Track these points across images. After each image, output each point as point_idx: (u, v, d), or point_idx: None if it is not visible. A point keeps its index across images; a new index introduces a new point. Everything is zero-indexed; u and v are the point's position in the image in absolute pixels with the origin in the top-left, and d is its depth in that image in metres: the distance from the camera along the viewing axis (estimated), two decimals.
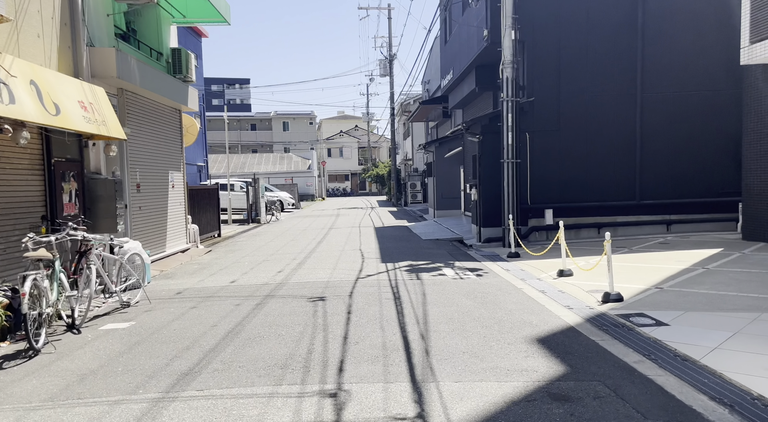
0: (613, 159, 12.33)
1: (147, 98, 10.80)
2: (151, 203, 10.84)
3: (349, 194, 61.39)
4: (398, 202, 33.96)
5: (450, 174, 20.89)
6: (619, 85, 12.24)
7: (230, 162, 47.85)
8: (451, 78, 18.01)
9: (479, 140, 12.46)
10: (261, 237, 15.90)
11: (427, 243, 13.25)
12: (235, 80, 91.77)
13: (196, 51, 31.28)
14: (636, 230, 12.31)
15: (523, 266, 9.39)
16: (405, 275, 8.64)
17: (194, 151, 30.57)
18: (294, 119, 63.12)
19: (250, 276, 9.02)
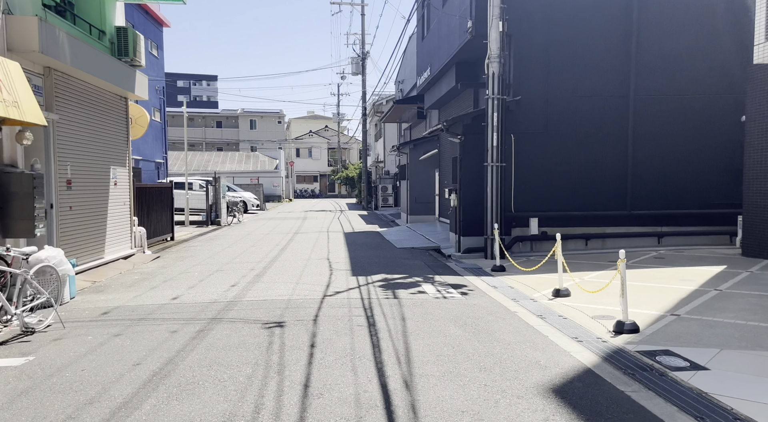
0: (603, 165, 11.48)
1: (83, 81, 9.34)
2: (86, 202, 9.37)
3: (318, 195, 59.89)
4: (369, 205, 32.80)
5: (424, 178, 19.87)
6: (611, 85, 11.40)
7: (191, 160, 45.82)
8: (428, 76, 16.99)
9: (460, 140, 11.43)
10: (218, 242, 14.48)
11: (402, 252, 12.12)
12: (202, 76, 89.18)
13: (157, 41, 29.48)
14: (625, 243, 11.47)
15: (511, 282, 8.36)
16: (380, 293, 7.47)
17: (153, 147, 28.72)
18: (262, 118, 61.24)
19: (198, 291, 7.69)
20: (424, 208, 19.94)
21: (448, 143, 17.28)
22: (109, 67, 9.82)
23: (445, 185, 17.95)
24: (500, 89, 10.72)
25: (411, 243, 13.67)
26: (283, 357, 4.65)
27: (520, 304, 6.84)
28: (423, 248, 12.80)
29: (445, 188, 13.86)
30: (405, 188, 20.66)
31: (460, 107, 16.00)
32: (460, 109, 16.01)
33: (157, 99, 28.87)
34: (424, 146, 19.60)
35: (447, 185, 17.22)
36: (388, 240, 14.62)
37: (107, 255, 10.11)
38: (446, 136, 16.69)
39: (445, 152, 18.05)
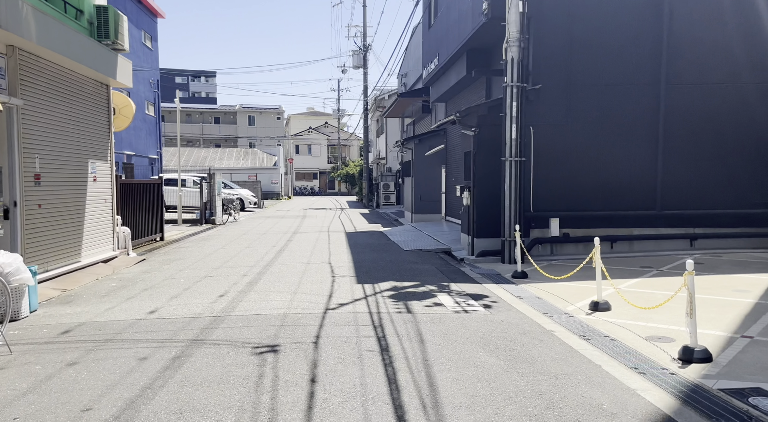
0: (631, 161, 10.49)
1: (56, 64, 8.33)
2: (59, 199, 8.37)
3: (317, 193, 58.91)
4: (370, 203, 31.82)
5: (430, 175, 18.87)
6: (640, 73, 10.40)
7: (187, 156, 44.79)
8: (435, 66, 15.99)
9: (475, 133, 10.43)
10: (211, 242, 13.49)
11: (410, 255, 11.13)
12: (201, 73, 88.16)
13: (151, 32, 28.42)
14: (654, 246, 10.49)
15: (537, 291, 7.37)
16: (390, 305, 6.48)
17: (147, 142, 27.70)
18: (261, 113, 60.18)
19: (181, 302, 6.70)
20: (430, 206, 18.94)
21: (457, 138, 16.29)
22: (87, 50, 8.81)
23: (453, 182, 16.96)
24: (520, 76, 9.72)
25: (418, 245, 12.68)
26: (276, 399, 3.66)
27: (554, 320, 5.85)
28: (432, 251, 11.81)
29: (455, 186, 12.87)
30: (409, 186, 19.67)
31: (470, 99, 15.00)
32: (470, 101, 15.01)
33: (152, 92, 27.83)
34: (430, 141, 18.60)
35: (456, 182, 16.23)
36: (393, 241, 13.63)
37: (85, 259, 9.11)
38: (455, 130, 15.68)
39: (452, 148, 17.05)
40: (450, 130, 17.58)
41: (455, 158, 16.74)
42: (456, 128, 15.97)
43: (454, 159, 16.87)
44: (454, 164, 17.07)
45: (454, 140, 16.91)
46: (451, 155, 17.44)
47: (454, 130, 16.95)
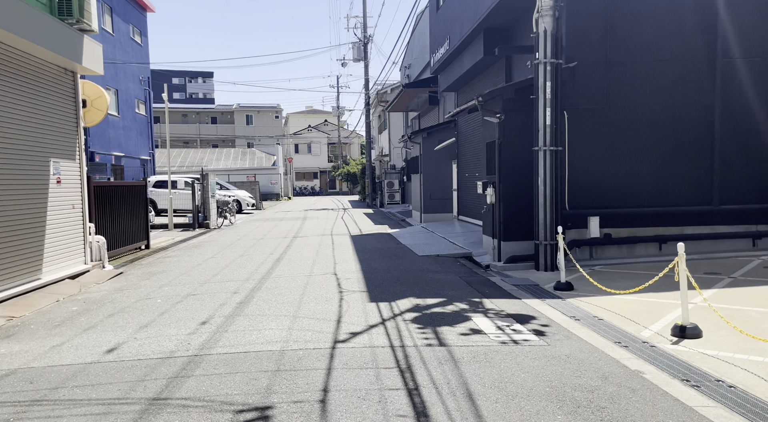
0: (681, 148, 9.08)
1: (3, 44, 6.93)
2: (9, 205, 6.98)
3: (318, 193, 57.52)
4: (374, 203, 30.43)
5: (440, 171, 17.47)
6: (692, 46, 8.98)
7: (183, 157, 43.44)
8: (445, 51, 14.58)
9: (500, 120, 9.02)
10: (202, 250, 12.09)
11: (427, 262, 9.73)
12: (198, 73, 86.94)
13: (140, 26, 27.01)
14: (710, 246, 9.08)
15: (591, 308, 5.98)
16: (416, 334, 5.09)
17: (138, 142, 26.31)
18: (258, 113, 58.77)
19: (151, 334, 5.31)
20: (440, 205, 17.54)
21: (471, 129, 14.88)
22: (45, 29, 7.42)
23: (466, 178, 15.56)
24: (554, 51, 8.30)
25: (434, 249, 11.27)
26: None
27: (635, 354, 4.46)
28: (451, 256, 10.40)
29: (473, 181, 11.49)
30: (418, 183, 18.27)
31: (484, 87, 13.59)
32: (484, 88, 13.59)
33: (142, 90, 26.44)
34: (439, 135, 17.20)
35: (470, 178, 14.82)
36: (404, 245, 12.23)
37: (47, 275, 7.73)
38: (467, 121, 14.26)
39: (465, 140, 15.65)
40: (461, 121, 16.19)
41: (469, 151, 15.34)
42: (470, 118, 14.57)
43: (468, 153, 15.47)
44: (467, 159, 15.67)
45: (467, 131, 15.51)
46: (463, 148, 16.04)
47: (466, 121, 15.56)
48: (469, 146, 15.37)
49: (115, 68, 23.24)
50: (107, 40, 22.57)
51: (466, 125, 15.73)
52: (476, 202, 14.61)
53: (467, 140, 15.56)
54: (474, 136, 14.86)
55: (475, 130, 14.63)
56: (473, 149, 14.97)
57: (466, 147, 15.75)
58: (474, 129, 14.78)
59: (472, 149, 15.04)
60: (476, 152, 14.68)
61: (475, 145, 14.77)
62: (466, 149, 15.76)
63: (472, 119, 14.99)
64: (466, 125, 15.73)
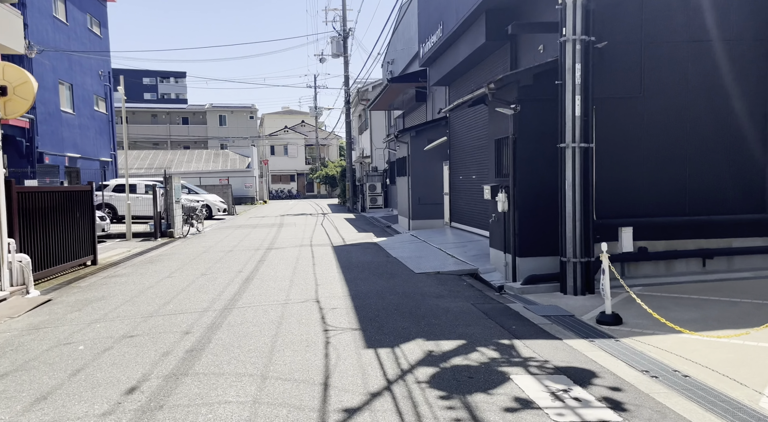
0: (729, 146, 7.68)
1: None
2: None
3: (296, 196, 55.57)
4: (354, 207, 28.76)
5: (430, 173, 15.93)
6: (744, 24, 7.60)
7: (152, 159, 41.14)
8: (438, 39, 13.04)
9: (514, 111, 7.49)
10: (159, 266, 10.30)
11: (427, 282, 8.13)
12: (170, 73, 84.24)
13: (99, 16, 24.82)
14: (762, 262, 7.69)
15: (665, 356, 4.48)
16: (440, 410, 3.48)
17: (96, 143, 24.14)
18: (232, 113, 56.54)
19: (44, 417, 3.59)
20: (430, 210, 16.00)
21: (465, 127, 13.37)
22: None
23: (459, 181, 14.05)
24: (585, 26, 6.82)
25: (431, 264, 9.70)
26: None
27: None
28: (453, 274, 8.83)
29: (472, 184, 10.03)
30: (405, 187, 16.71)
31: (482, 78, 12.09)
32: (482, 81, 12.11)
33: (102, 86, 24.31)
34: (429, 134, 15.68)
35: (464, 180, 13.31)
36: (395, 258, 10.62)
37: None
38: (460, 118, 12.68)
39: (458, 140, 14.15)
40: (454, 119, 14.68)
41: (462, 151, 13.85)
42: (463, 114, 13.04)
43: (461, 153, 13.97)
44: (460, 159, 14.17)
45: (460, 130, 14.01)
46: (456, 148, 14.54)
47: (459, 118, 14.06)
48: (463, 145, 13.86)
49: (69, 61, 21.14)
50: (60, 30, 20.48)
51: (459, 122, 14.23)
52: (473, 207, 13.11)
53: (460, 139, 14.05)
54: (468, 134, 13.36)
55: (470, 128, 13.13)
56: (467, 148, 13.47)
57: (459, 147, 14.25)
58: (468, 127, 13.28)
59: (466, 149, 13.54)
60: (471, 152, 13.18)
61: (469, 143, 13.27)
62: (459, 148, 14.26)
63: (465, 115, 13.50)
64: (459, 122, 14.23)
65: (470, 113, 12.95)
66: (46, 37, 19.25)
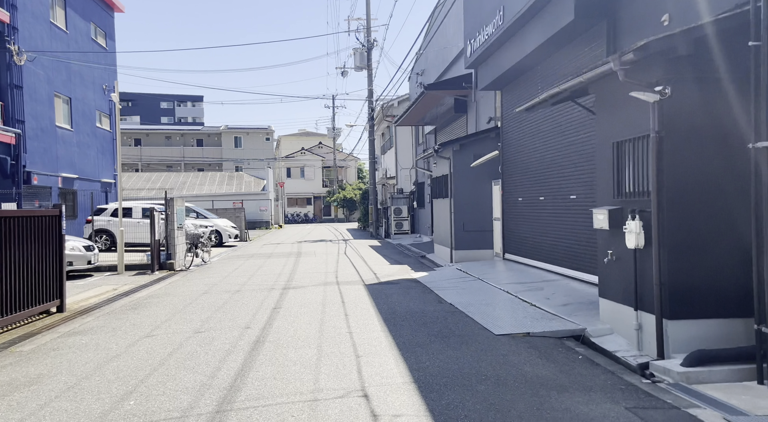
0: None
1: None
2: None
3: (312, 220, 53.26)
4: (378, 232, 26.24)
5: (476, 194, 13.39)
6: None
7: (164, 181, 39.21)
8: (494, 29, 10.64)
9: (662, 96, 4.93)
10: (141, 316, 7.80)
11: (521, 353, 5.47)
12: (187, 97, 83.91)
13: (105, 27, 22.92)
14: None
15: None
16: None
17: (97, 163, 22.02)
18: (248, 134, 54.86)
19: None
20: (477, 239, 13.39)
21: (526, 136, 10.81)
22: None
23: (520, 202, 11.46)
24: None
25: (508, 317, 7.04)
26: None
27: None
28: (550, 336, 6.17)
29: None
30: (446, 210, 14.14)
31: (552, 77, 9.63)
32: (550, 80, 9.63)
33: (105, 101, 22.34)
34: (474, 148, 13.19)
35: (524, 202, 10.70)
36: (452, 305, 7.99)
37: None
38: (520, 124, 9.97)
39: (515, 152, 11.61)
40: (509, 128, 12.19)
41: (523, 166, 11.30)
42: (524, 121, 10.39)
43: (521, 169, 11.42)
44: (517, 177, 11.63)
45: (520, 141, 11.49)
46: (512, 163, 12.01)
47: (518, 126, 11.55)
48: (523, 159, 11.32)
49: (68, 72, 19.19)
50: (57, 38, 18.57)
51: (517, 131, 11.72)
52: (541, 237, 10.49)
53: (519, 152, 11.52)
54: (532, 145, 10.82)
55: (537, 136, 10.61)
56: (531, 163, 10.92)
57: (516, 162, 11.71)
58: (533, 135, 10.76)
59: (529, 164, 11.00)
60: (536, 167, 10.63)
61: (533, 157, 10.73)
62: (516, 163, 11.72)
63: (527, 122, 11.01)
64: (517, 131, 11.72)
65: (537, 119, 10.45)
66: (41, 44, 17.31)
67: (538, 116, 10.33)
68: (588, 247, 8.56)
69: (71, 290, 10.35)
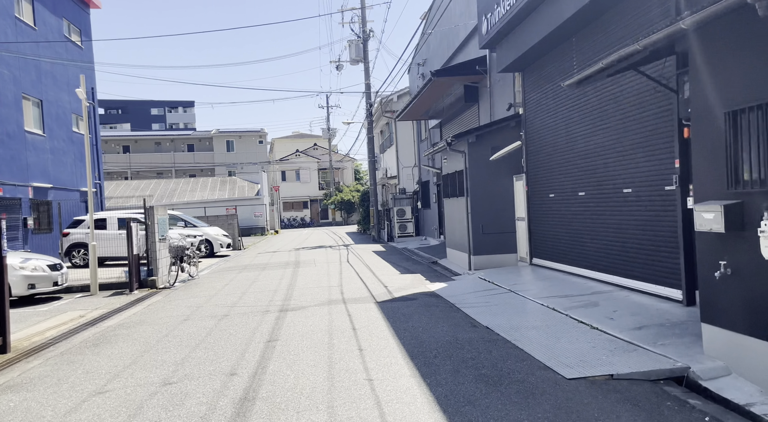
0: None
1: None
2: None
3: (309, 224, 51.63)
4: (380, 236, 24.66)
5: (495, 191, 11.82)
6: None
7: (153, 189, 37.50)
8: (514, 2, 9.09)
9: None
10: (101, 357, 6.19)
11: (612, 413, 3.89)
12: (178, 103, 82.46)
13: (79, 24, 21.10)
14: None
15: None
16: None
17: (75, 170, 20.30)
18: (240, 138, 53.18)
19: None
20: (498, 242, 11.82)
21: (563, 122, 9.24)
22: None
23: (550, 200, 9.89)
24: None
25: (571, 345, 5.46)
26: None
27: None
28: (641, 378, 4.58)
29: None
30: (461, 210, 12.56)
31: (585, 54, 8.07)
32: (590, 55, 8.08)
33: None
34: (492, 139, 11.63)
35: (556, 199, 9.11)
36: (490, 330, 6.40)
37: None
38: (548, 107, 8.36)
39: (544, 143, 10.04)
40: (534, 114, 10.64)
41: (555, 157, 9.74)
42: (555, 104, 8.74)
43: (551, 161, 9.86)
44: (547, 170, 10.07)
45: (551, 128, 9.93)
46: (538, 155, 10.46)
47: (547, 110, 9.99)
48: (553, 149, 9.77)
49: (38, 72, 17.52)
50: (24, 34, 16.91)
51: (544, 116, 10.16)
52: (579, 237, 8.93)
53: (548, 141, 9.96)
54: (565, 131, 9.26)
55: (570, 121, 9.05)
56: (565, 152, 9.37)
57: (545, 153, 10.16)
58: (568, 120, 9.19)
59: (562, 154, 9.44)
60: (571, 158, 9.08)
61: (567, 146, 9.17)
62: (545, 155, 10.16)
63: (561, 104, 9.46)
64: (544, 116, 10.16)
65: (573, 101, 8.89)
66: (4, 40, 15.65)
67: (573, 98, 8.78)
68: (648, 251, 7.00)
69: (29, 319, 8.74)
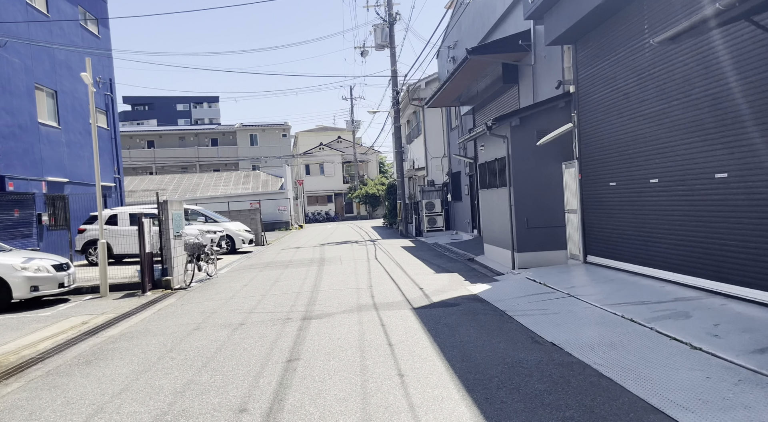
0: None
1: None
2: None
3: (334, 218, 50.75)
4: (408, 230, 23.49)
5: (540, 181, 10.53)
6: None
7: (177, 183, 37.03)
8: None
9: None
10: (92, 378, 5.21)
11: None
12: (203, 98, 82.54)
13: (96, 12, 20.34)
14: None
15: None
16: None
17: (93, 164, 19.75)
18: (264, 131, 52.56)
19: None
20: (545, 238, 10.54)
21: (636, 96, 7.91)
22: None
23: (610, 189, 8.57)
24: None
25: (675, 374, 4.21)
26: None
27: None
28: None
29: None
30: (502, 202, 11.30)
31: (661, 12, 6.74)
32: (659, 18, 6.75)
33: (101, 95, 19.99)
34: (537, 122, 10.35)
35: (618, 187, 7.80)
36: (557, 347, 5.19)
37: None
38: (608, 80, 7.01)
39: (604, 123, 8.70)
40: (589, 91, 9.31)
41: (611, 140, 8.41)
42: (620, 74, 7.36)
43: (617, 143, 8.53)
44: (607, 155, 8.75)
45: (612, 103, 8.59)
46: (597, 137, 9.13)
47: (603, 85, 8.66)
48: (614, 129, 8.44)
49: (52, 62, 16.83)
50: (35, 22, 16.18)
51: (603, 91, 8.82)
52: (651, 232, 7.61)
53: (607, 120, 8.62)
54: (630, 107, 7.92)
55: (640, 95, 7.70)
56: (629, 133, 8.04)
57: (603, 134, 8.83)
58: (634, 94, 7.85)
59: (627, 134, 8.11)
60: (641, 139, 7.74)
61: (633, 125, 7.83)
62: (603, 136, 8.83)
63: (622, 75, 8.12)
64: (603, 91, 8.82)
65: (643, 70, 7.56)
66: (15, 28, 14.94)
67: (642, 69, 7.43)
68: (753, 249, 5.68)
69: (26, 326, 7.87)
